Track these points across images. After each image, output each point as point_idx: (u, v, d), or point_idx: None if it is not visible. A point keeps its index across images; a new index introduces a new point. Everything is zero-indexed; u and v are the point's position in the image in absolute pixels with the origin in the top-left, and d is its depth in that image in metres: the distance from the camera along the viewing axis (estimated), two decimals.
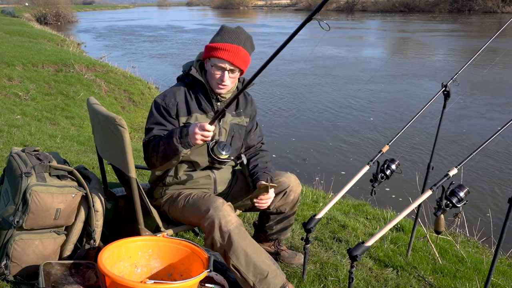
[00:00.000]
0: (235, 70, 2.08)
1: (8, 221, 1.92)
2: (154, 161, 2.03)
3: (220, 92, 2.12)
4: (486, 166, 6.37)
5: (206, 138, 1.91)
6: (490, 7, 45.03)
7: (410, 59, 17.38)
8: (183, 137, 1.92)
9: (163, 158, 1.99)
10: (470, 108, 9.67)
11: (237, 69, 2.08)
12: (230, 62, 2.04)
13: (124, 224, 2.40)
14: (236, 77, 2.13)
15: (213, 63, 2.07)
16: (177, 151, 1.94)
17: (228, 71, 2.07)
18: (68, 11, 39.93)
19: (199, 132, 1.89)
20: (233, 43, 2.06)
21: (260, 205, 2.14)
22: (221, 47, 2.04)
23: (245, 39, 2.09)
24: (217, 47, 2.05)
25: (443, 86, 2.56)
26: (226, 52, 2.03)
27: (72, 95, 8.15)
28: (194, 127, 1.90)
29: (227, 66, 2.05)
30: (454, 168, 2.03)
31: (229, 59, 2.03)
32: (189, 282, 1.74)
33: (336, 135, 8.05)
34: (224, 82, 2.08)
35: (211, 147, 1.92)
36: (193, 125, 1.92)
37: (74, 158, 4.22)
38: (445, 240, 3.31)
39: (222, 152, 1.90)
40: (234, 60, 2.04)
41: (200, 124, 1.89)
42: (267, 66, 1.73)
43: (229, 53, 2.03)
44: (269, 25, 36.64)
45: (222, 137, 2.18)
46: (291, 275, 2.41)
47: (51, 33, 21.38)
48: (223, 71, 2.07)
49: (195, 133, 1.89)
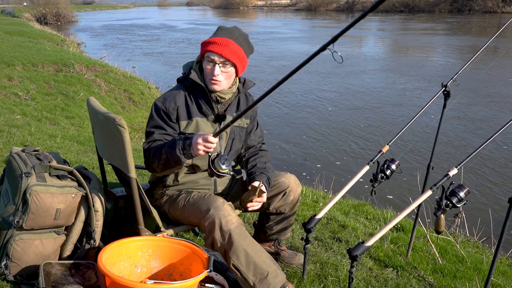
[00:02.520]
0: (226, 63, 2.05)
1: (8, 221, 1.92)
2: (155, 167, 2.03)
3: (214, 88, 2.08)
4: (486, 166, 6.38)
5: (209, 150, 1.89)
6: (490, 7, 45.04)
7: (410, 59, 17.37)
8: (186, 148, 1.91)
9: (164, 165, 1.99)
10: (470, 108, 9.67)
11: (229, 62, 2.05)
12: (219, 54, 2.02)
13: (124, 224, 2.40)
14: (230, 73, 2.08)
15: (206, 58, 2.06)
16: (180, 162, 1.94)
17: (220, 65, 2.04)
18: (68, 11, 39.95)
19: (202, 143, 1.87)
20: (224, 37, 2.05)
21: (252, 208, 2.13)
22: (211, 41, 2.04)
23: (238, 35, 2.08)
24: (208, 42, 2.05)
25: (443, 86, 2.56)
26: (215, 45, 2.02)
27: (72, 95, 8.15)
28: (197, 138, 1.88)
29: (217, 59, 2.03)
30: (454, 168, 2.03)
31: (218, 51, 2.01)
32: (189, 282, 1.74)
33: (336, 135, 8.06)
34: (215, 77, 2.04)
35: (212, 159, 1.91)
36: (196, 135, 1.90)
37: (74, 158, 4.22)
38: (445, 240, 3.31)
39: (222, 166, 1.89)
40: (223, 51, 2.01)
41: (204, 135, 1.88)
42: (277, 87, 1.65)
43: (218, 46, 2.02)
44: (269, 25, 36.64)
45: (222, 140, 2.18)
46: (291, 275, 2.41)
47: (51, 33, 21.38)
48: (214, 65, 2.05)
49: (197, 144, 1.87)
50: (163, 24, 38.75)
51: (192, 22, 42.43)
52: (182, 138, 1.95)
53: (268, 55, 17.59)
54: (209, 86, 2.09)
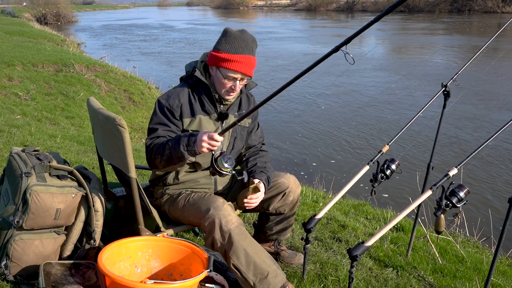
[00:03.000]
0: (245, 78, 2.11)
1: (8, 221, 1.92)
2: (157, 163, 2.03)
3: (229, 98, 2.14)
4: (486, 166, 6.37)
5: (213, 148, 1.90)
6: (490, 7, 45.03)
7: (410, 59, 17.37)
8: (190, 145, 1.91)
9: (167, 162, 1.99)
10: (471, 108, 9.67)
11: (248, 77, 2.11)
12: (243, 74, 2.07)
13: (124, 224, 2.40)
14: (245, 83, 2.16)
15: (225, 74, 2.06)
16: (183, 158, 1.94)
17: (239, 80, 2.09)
18: (68, 11, 39.94)
19: (206, 140, 1.87)
20: (244, 53, 2.04)
21: (249, 206, 2.14)
22: (233, 59, 2.03)
23: (252, 45, 2.09)
24: (229, 59, 2.03)
25: (443, 86, 2.56)
26: (239, 64, 2.03)
27: (72, 95, 8.15)
28: (202, 135, 1.89)
29: (239, 77, 2.07)
30: (454, 168, 2.03)
31: (243, 71, 2.05)
32: (189, 282, 1.74)
33: (336, 135, 8.06)
34: (236, 92, 2.11)
35: (215, 157, 1.91)
36: (201, 133, 1.91)
37: (74, 158, 4.22)
38: (445, 240, 3.31)
39: (225, 165, 1.89)
40: (247, 71, 2.07)
41: (209, 133, 1.88)
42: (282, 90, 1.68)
43: (243, 65, 2.04)
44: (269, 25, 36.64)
45: (225, 139, 2.18)
46: (291, 275, 2.41)
47: (51, 33, 21.37)
48: (235, 81, 2.08)
49: (202, 141, 1.88)
50: (163, 24, 38.76)
51: (192, 22, 42.42)
52: (187, 135, 1.96)
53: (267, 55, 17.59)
54: (224, 97, 2.14)
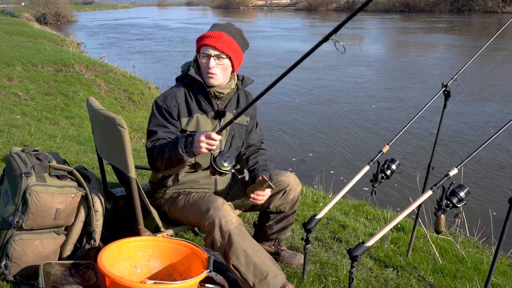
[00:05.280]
0: (221, 56, 2.07)
1: (8, 221, 1.92)
2: (158, 166, 2.03)
3: (211, 82, 2.09)
4: (486, 166, 6.37)
5: (211, 147, 1.88)
6: (490, 7, 45.02)
7: (410, 58, 17.37)
8: (188, 146, 1.90)
9: (167, 164, 1.99)
10: (471, 107, 9.67)
11: (223, 54, 2.06)
12: (213, 47, 2.05)
13: (124, 224, 2.40)
14: (225, 65, 2.09)
15: (201, 54, 2.09)
16: (182, 160, 1.94)
17: (214, 58, 2.06)
18: (68, 11, 39.92)
19: (205, 140, 1.86)
20: (214, 30, 2.10)
21: (255, 200, 2.14)
22: (204, 35, 2.08)
23: (231, 29, 2.11)
24: (201, 37, 2.09)
25: (443, 86, 2.56)
26: (208, 38, 2.06)
27: (72, 95, 8.15)
28: (199, 136, 1.87)
29: (211, 52, 2.05)
30: (455, 168, 2.03)
31: (211, 44, 2.04)
32: (189, 282, 1.74)
33: (336, 135, 8.05)
34: (211, 69, 2.06)
35: (214, 156, 1.89)
36: (199, 133, 1.89)
37: (74, 158, 4.22)
38: (445, 240, 3.31)
39: (224, 164, 1.87)
40: (216, 44, 2.04)
41: (207, 132, 1.87)
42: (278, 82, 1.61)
43: (211, 39, 2.05)
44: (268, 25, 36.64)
45: (222, 137, 2.17)
46: (291, 275, 2.41)
47: (50, 33, 21.35)
48: (208, 58, 2.07)
49: (200, 141, 1.86)
50: (163, 24, 38.73)
51: (192, 22, 42.42)
52: (184, 136, 1.95)
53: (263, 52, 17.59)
54: (206, 80, 2.10)
